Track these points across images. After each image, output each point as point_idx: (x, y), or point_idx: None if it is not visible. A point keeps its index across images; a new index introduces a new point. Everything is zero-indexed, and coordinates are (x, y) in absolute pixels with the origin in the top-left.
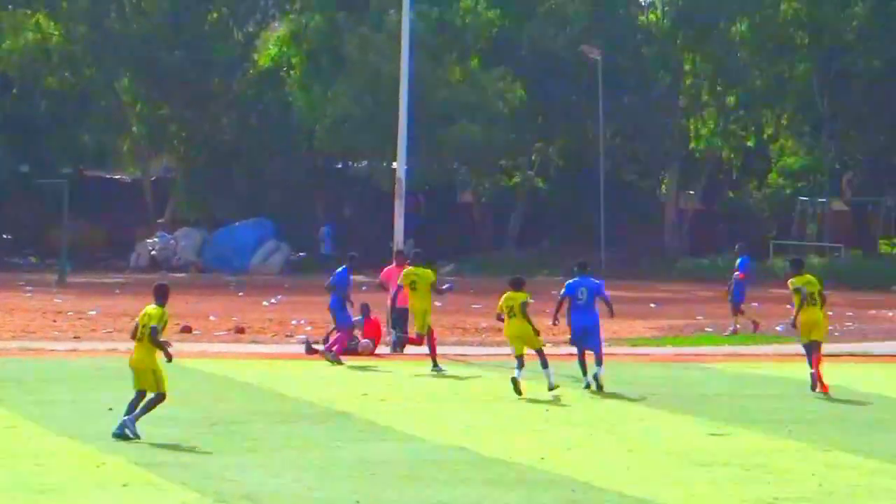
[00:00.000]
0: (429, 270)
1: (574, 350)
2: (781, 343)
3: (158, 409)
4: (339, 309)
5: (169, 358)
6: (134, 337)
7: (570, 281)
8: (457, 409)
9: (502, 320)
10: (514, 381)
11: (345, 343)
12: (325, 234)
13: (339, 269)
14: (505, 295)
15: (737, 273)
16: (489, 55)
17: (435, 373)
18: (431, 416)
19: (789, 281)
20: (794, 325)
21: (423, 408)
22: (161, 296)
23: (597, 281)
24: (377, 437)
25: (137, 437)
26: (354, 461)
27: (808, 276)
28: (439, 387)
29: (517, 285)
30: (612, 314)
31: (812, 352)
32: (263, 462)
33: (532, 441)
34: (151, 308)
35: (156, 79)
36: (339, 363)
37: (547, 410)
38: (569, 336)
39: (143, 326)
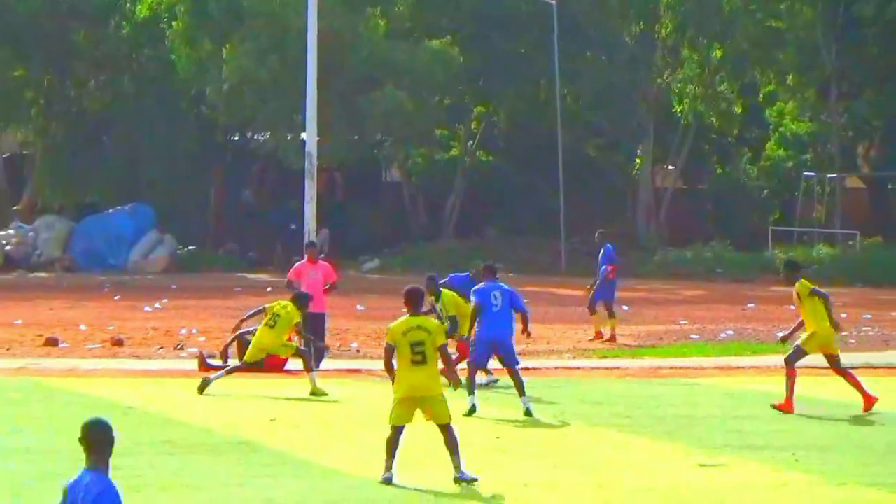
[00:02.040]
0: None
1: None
2: (783, 353)
3: (23, 440)
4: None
5: (457, 384)
6: (391, 361)
7: (479, 286)
8: (387, 436)
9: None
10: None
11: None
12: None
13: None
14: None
15: (605, 267)
16: (420, 1)
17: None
18: (356, 446)
19: (800, 283)
20: (838, 328)
21: (344, 435)
22: (420, 302)
23: (509, 288)
24: (289, 472)
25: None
26: (260, 501)
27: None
28: (364, 410)
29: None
30: (527, 333)
31: (837, 369)
32: (150, 503)
33: (480, 476)
34: (415, 318)
35: (5, 32)
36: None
37: (498, 437)
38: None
39: (419, 344)
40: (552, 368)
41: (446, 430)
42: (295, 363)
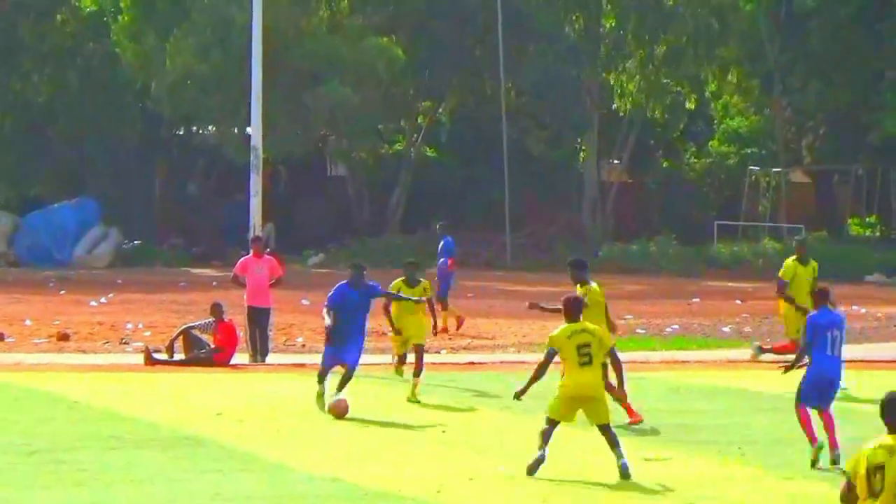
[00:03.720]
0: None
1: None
2: (728, 347)
3: None
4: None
5: (625, 396)
6: (547, 366)
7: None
8: (332, 430)
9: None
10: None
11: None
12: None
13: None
14: None
15: (442, 260)
16: None
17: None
18: (301, 440)
19: (593, 287)
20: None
21: (290, 430)
22: (580, 310)
23: (372, 283)
24: (236, 466)
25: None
26: (208, 497)
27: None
28: (309, 404)
29: None
30: (326, 330)
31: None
32: (95, 499)
33: (425, 470)
34: (577, 324)
35: None
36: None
37: (444, 432)
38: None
39: (586, 346)
40: (497, 363)
41: (607, 430)
42: (241, 357)
